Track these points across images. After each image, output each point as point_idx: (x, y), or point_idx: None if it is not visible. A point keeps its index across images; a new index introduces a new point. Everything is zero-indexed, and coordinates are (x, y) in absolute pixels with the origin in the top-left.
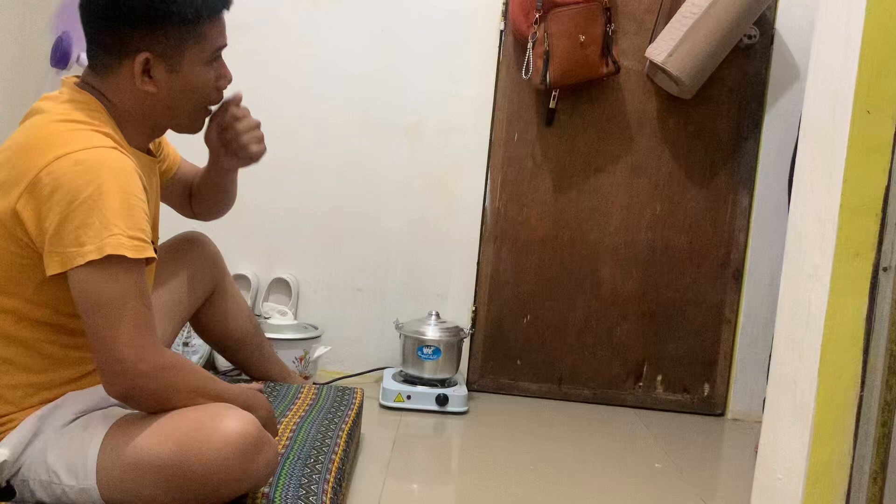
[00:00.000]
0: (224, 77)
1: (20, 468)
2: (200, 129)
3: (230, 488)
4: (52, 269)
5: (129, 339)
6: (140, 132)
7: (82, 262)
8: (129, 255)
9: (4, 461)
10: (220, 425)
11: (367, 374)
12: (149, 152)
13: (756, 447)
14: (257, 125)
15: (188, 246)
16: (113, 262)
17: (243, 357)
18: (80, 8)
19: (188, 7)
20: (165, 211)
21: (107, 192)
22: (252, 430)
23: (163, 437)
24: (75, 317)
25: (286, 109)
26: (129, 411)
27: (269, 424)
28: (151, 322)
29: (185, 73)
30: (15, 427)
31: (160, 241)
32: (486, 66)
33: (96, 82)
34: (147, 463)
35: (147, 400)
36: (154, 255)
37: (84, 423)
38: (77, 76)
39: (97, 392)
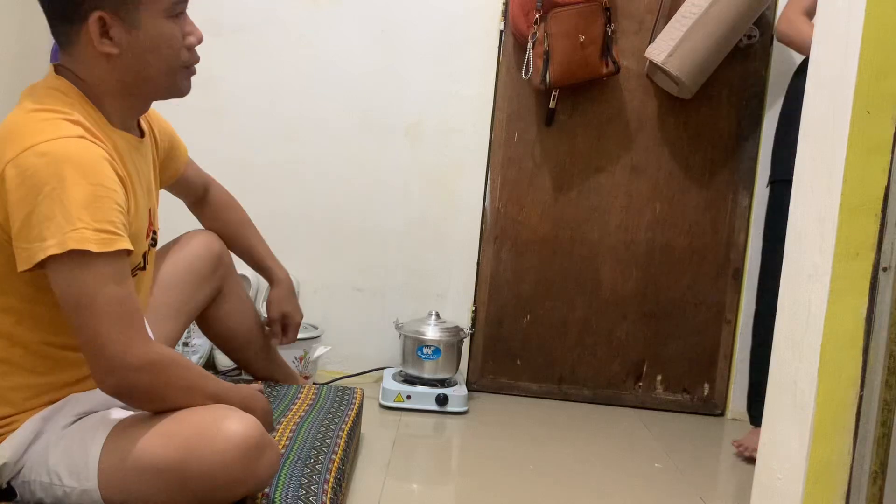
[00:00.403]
0: (192, 34)
1: (21, 469)
2: (184, 92)
3: (232, 491)
4: (21, 265)
5: (114, 334)
6: (121, 108)
7: (43, 257)
8: (94, 248)
9: (5, 463)
10: (223, 428)
11: (367, 374)
12: (141, 132)
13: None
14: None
15: (195, 244)
16: (83, 256)
17: (248, 356)
18: None
19: None
20: (170, 209)
21: (70, 184)
22: (254, 433)
23: (165, 439)
24: None
25: (286, 109)
26: (130, 413)
27: (266, 422)
28: (137, 315)
29: (146, 30)
30: (17, 429)
31: (160, 232)
32: (486, 66)
33: (68, 61)
34: (149, 465)
35: (140, 396)
36: (129, 246)
37: (85, 424)
38: (60, 63)
39: (99, 394)
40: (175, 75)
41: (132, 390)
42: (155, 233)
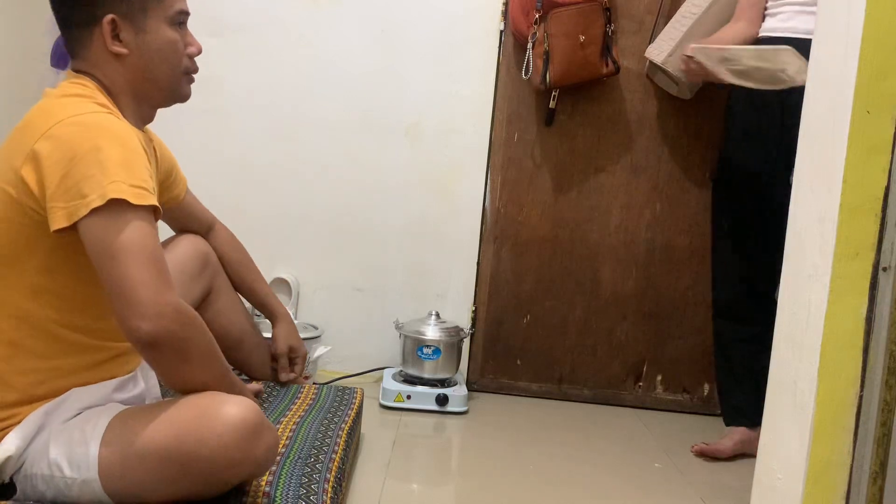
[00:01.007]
0: (192, 45)
1: (23, 463)
2: (186, 96)
3: (231, 474)
4: (58, 223)
5: (148, 279)
6: (132, 109)
7: (86, 212)
8: (132, 200)
9: (9, 457)
10: (221, 411)
11: (367, 374)
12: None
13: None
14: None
15: (182, 246)
16: (118, 207)
17: (242, 357)
18: None
19: None
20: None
21: (106, 146)
22: (252, 415)
23: (163, 425)
24: (91, 284)
25: (286, 109)
26: (129, 406)
27: None
28: (166, 266)
29: (151, 33)
30: (20, 422)
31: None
32: (486, 66)
33: (82, 65)
34: (148, 452)
35: (169, 348)
36: (157, 205)
37: (86, 417)
38: (76, 69)
39: (102, 389)
40: (178, 79)
41: (162, 339)
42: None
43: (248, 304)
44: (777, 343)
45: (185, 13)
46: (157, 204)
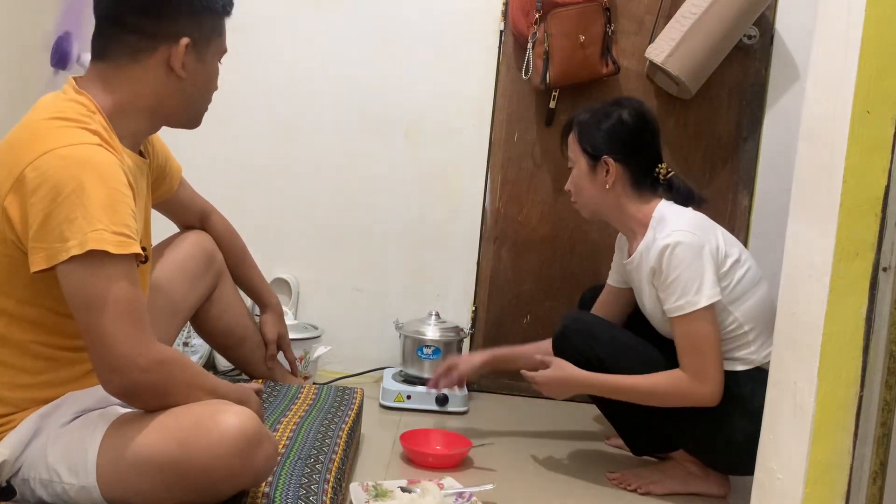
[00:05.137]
0: (218, 77)
1: (20, 467)
2: (199, 124)
3: (230, 484)
4: (37, 264)
5: (123, 335)
6: (138, 128)
7: (66, 258)
8: (112, 250)
9: (4, 461)
10: (220, 421)
11: (367, 374)
12: (140, 154)
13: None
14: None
15: (187, 244)
16: (99, 257)
17: (243, 356)
18: None
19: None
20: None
21: (90, 186)
22: (251, 425)
23: (162, 434)
24: (68, 316)
25: (286, 109)
26: (128, 410)
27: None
28: (144, 317)
29: (207, 65)
30: (15, 427)
31: (154, 243)
32: (486, 66)
33: (107, 72)
34: (147, 460)
35: (146, 395)
36: (140, 251)
37: (84, 421)
38: (80, 76)
39: (97, 391)
40: (206, 109)
41: (138, 390)
42: (145, 249)
43: (248, 301)
44: (777, 343)
45: (226, 51)
46: (138, 251)
